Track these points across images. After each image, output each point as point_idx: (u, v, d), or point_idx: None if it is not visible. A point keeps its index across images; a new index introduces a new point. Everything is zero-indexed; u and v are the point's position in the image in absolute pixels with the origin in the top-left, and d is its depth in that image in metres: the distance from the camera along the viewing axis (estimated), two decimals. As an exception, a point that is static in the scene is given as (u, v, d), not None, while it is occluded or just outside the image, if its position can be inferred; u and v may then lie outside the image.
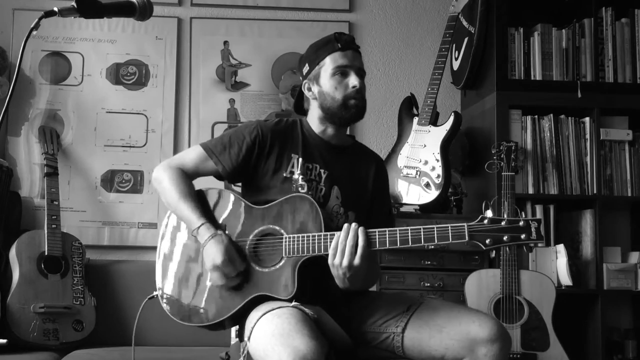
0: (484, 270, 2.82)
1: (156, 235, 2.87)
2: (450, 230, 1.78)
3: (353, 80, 2.02)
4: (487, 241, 1.75)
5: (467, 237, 1.76)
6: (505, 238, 1.74)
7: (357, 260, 1.80)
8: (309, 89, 2.09)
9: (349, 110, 2.03)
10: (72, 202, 3.30)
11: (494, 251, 1.82)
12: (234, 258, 1.92)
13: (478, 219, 1.77)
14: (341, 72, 2.03)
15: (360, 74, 2.05)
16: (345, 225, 1.83)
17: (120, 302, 3.01)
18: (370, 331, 1.98)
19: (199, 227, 1.95)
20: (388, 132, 3.45)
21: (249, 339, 1.80)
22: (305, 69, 2.10)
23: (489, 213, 1.78)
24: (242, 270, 1.93)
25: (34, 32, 1.51)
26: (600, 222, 3.01)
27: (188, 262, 2.03)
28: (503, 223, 1.75)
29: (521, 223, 1.74)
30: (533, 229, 1.73)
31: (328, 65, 2.04)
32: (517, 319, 2.73)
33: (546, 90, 3.08)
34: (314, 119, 2.11)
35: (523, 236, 1.74)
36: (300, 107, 2.18)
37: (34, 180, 3.30)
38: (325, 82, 2.04)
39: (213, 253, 1.91)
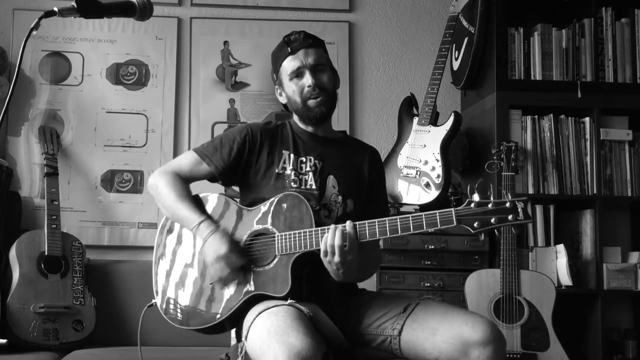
0: (484, 270, 2.82)
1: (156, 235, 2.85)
2: (438, 216, 1.77)
3: (306, 80, 2.06)
4: (475, 224, 1.74)
5: (455, 222, 1.75)
6: (492, 220, 1.73)
7: (348, 256, 1.81)
8: (280, 95, 2.17)
9: (312, 111, 2.07)
10: (72, 202, 3.29)
11: (482, 234, 1.80)
12: (237, 250, 1.93)
13: (465, 203, 1.76)
14: (297, 75, 2.08)
15: (317, 69, 2.07)
16: (332, 225, 1.83)
17: (120, 302, 3.01)
18: (367, 333, 1.98)
19: (199, 224, 1.97)
20: (388, 132, 3.45)
21: (246, 337, 1.80)
22: (274, 77, 2.18)
23: (476, 197, 1.76)
24: (242, 265, 1.94)
25: (34, 32, 1.52)
26: (600, 222, 3.01)
27: (185, 267, 2.04)
28: (490, 205, 1.74)
29: (507, 204, 1.73)
30: (520, 209, 1.72)
31: (285, 72, 2.11)
32: (517, 319, 2.73)
33: (546, 90, 3.08)
34: (297, 119, 2.17)
35: (510, 217, 1.72)
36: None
37: (34, 180, 3.29)
38: (287, 89, 2.11)
39: (217, 245, 1.92)
